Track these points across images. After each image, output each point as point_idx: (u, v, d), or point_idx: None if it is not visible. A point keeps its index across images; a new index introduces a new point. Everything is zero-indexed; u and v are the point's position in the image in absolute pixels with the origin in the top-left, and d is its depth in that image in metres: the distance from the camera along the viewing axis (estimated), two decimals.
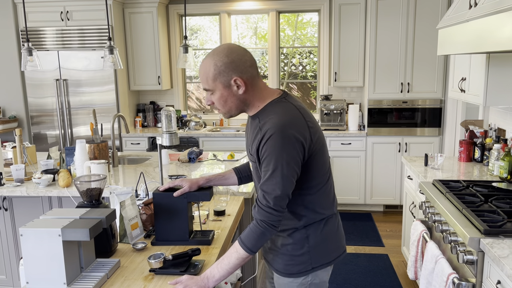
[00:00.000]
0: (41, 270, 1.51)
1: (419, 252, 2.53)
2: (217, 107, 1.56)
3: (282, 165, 1.43)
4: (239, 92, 1.50)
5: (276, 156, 1.43)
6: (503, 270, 1.65)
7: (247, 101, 1.54)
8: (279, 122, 1.44)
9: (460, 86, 3.14)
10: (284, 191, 1.46)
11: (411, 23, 4.55)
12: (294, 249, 1.61)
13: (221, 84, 1.48)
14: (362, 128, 5.00)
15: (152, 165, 3.46)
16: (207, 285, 1.52)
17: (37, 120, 5.14)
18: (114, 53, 3.18)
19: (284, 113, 1.48)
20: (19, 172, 2.95)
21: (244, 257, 1.50)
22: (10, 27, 5.07)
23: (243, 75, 1.48)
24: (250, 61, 1.50)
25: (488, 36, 2.14)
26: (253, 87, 1.52)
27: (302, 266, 1.61)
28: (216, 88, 1.50)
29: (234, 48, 1.49)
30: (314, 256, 1.61)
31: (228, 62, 1.46)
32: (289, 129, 1.44)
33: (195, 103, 5.91)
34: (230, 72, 1.46)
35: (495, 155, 2.84)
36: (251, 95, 1.53)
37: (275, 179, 1.45)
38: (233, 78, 1.47)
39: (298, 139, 1.45)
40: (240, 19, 5.62)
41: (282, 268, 1.64)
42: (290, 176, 1.46)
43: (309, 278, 1.62)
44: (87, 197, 1.83)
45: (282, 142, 1.43)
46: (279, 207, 1.46)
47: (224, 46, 1.49)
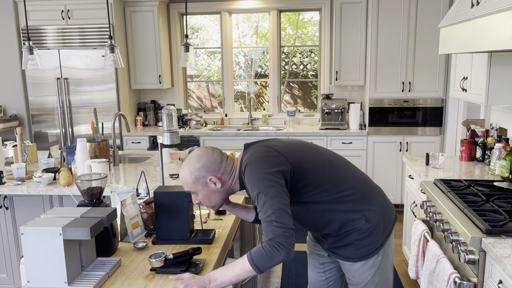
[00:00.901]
0: (42, 269, 1.51)
1: (420, 251, 2.53)
2: (204, 204, 1.72)
3: (262, 187, 1.51)
4: (217, 187, 1.66)
5: (254, 183, 1.54)
6: (505, 269, 1.64)
7: (228, 189, 1.69)
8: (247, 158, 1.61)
9: (462, 85, 3.14)
10: (276, 206, 1.48)
11: (413, 22, 4.54)
12: (359, 233, 1.69)
13: (200, 185, 1.65)
14: (363, 127, 5.00)
15: (153, 164, 3.46)
16: (208, 286, 1.52)
17: (38, 118, 5.14)
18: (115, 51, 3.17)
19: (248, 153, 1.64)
20: (20, 171, 2.95)
21: (248, 270, 1.50)
22: (11, 25, 5.06)
23: (216, 173, 1.64)
24: (219, 157, 1.67)
25: (490, 35, 2.14)
26: (228, 176, 1.67)
27: (371, 246, 1.71)
28: (197, 190, 1.66)
29: (202, 153, 1.66)
30: (379, 232, 1.71)
31: (200, 167, 1.63)
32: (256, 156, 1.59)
33: (196, 102, 5.91)
34: (204, 173, 1.63)
35: (497, 154, 2.84)
36: (228, 184, 1.68)
37: (264, 202, 1.50)
38: (208, 178, 1.64)
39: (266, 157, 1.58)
40: (241, 18, 5.61)
41: (352, 254, 1.74)
42: (276, 192, 1.51)
43: (380, 258, 1.75)
44: (88, 196, 1.83)
45: (253, 169, 1.56)
46: (281, 223, 1.47)
47: (194, 154, 1.67)
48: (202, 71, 5.83)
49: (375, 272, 1.76)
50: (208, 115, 5.70)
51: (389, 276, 1.82)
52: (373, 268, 1.75)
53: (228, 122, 5.58)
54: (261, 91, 5.78)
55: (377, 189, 1.80)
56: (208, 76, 5.85)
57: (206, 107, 5.90)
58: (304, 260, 3.72)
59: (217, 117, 5.64)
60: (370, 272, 1.76)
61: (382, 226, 1.73)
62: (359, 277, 1.78)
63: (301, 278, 3.44)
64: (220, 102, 5.83)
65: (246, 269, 1.50)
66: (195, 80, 5.85)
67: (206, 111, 5.82)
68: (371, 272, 1.76)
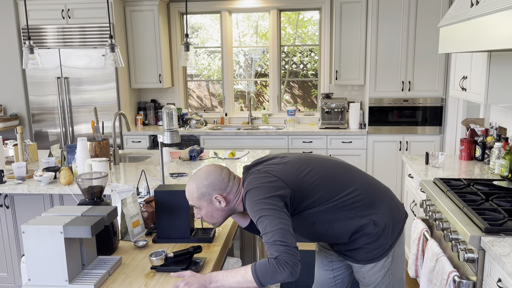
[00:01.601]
0: (42, 267, 1.52)
1: (420, 250, 2.53)
2: (206, 220, 1.73)
3: (263, 210, 1.53)
4: (221, 205, 1.68)
5: (255, 207, 1.55)
6: (504, 268, 1.65)
7: (231, 209, 1.72)
8: (246, 185, 1.64)
9: (461, 84, 3.14)
10: (278, 226, 1.49)
11: (412, 22, 4.55)
12: (368, 237, 1.71)
13: (205, 202, 1.67)
14: (363, 126, 5.00)
15: (153, 163, 3.47)
16: (209, 286, 1.52)
17: (39, 118, 5.15)
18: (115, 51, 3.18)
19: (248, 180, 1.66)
20: (21, 170, 2.95)
21: (249, 280, 1.49)
22: (11, 25, 5.07)
23: (223, 192, 1.67)
24: (227, 177, 1.69)
25: (489, 34, 2.14)
26: (234, 196, 1.70)
27: (380, 249, 1.73)
28: (201, 205, 1.68)
29: (211, 171, 1.68)
30: (388, 234, 1.73)
31: (207, 184, 1.66)
32: (255, 182, 1.61)
33: (196, 101, 5.92)
34: (211, 191, 1.66)
35: (496, 153, 2.84)
36: (233, 203, 1.70)
37: (266, 224, 1.51)
38: (214, 196, 1.66)
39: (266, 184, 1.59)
40: (241, 17, 5.61)
41: (362, 257, 1.76)
42: (276, 213, 1.52)
43: (389, 259, 1.76)
44: (88, 194, 1.83)
45: (252, 195, 1.58)
46: (284, 243, 1.47)
47: (203, 170, 1.70)
48: (202, 70, 5.84)
49: (385, 274, 1.78)
50: (208, 114, 5.71)
51: (400, 276, 1.84)
52: (383, 270, 1.77)
53: (228, 121, 5.59)
54: (261, 91, 5.79)
55: (385, 191, 1.81)
56: (208, 75, 5.86)
57: (206, 106, 5.91)
58: (304, 259, 3.73)
59: (217, 116, 5.65)
60: (380, 273, 1.77)
61: (390, 228, 1.74)
62: (369, 279, 1.80)
63: (301, 277, 3.44)
64: (220, 101, 5.83)
65: (248, 278, 1.50)
66: (195, 80, 5.85)
67: (206, 110, 5.83)
68: (381, 273, 1.77)
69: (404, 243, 1.85)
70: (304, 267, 3.62)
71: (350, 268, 1.98)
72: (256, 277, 1.48)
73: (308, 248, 3.96)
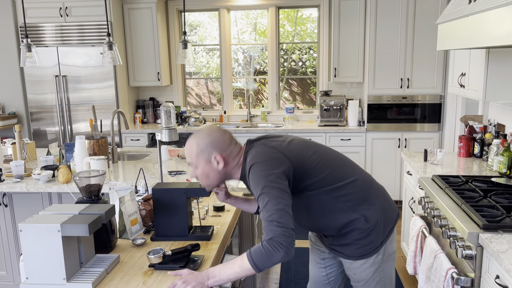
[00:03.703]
0: (40, 265, 1.52)
1: (418, 247, 2.53)
2: (200, 181, 1.72)
3: (266, 187, 1.52)
4: (219, 167, 1.65)
5: (258, 182, 1.55)
6: (502, 264, 1.65)
7: (227, 173, 1.70)
8: (252, 158, 1.61)
9: (460, 81, 3.14)
10: (278, 207, 1.49)
11: (411, 18, 4.54)
12: (359, 233, 1.71)
13: (203, 160, 1.65)
14: (361, 124, 5.00)
15: (151, 161, 3.46)
16: (207, 283, 1.52)
17: (37, 116, 5.14)
18: (113, 49, 3.17)
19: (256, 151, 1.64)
20: (19, 168, 2.95)
21: (247, 268, 1.50)
22: (9, 23, 5.05)
23: (223, 152, 1.65)
24: (229, 139, 1.68)
25: (487, 30, 2.14)
26: (232, 160, 1.68)
27: (371, 245, 1.73)
28: (199, 163, 1.66)
29: (214, 130, 1.67)
30: (379, 231, 1.73)
31: (208, 142, 1.64)
32: (261, 157, 1.59)
33: (194, 99, 5.91)
34: (211, 149, 1.64)
35: (495, 150, 2.84)
36: (230, 167, 1.68)
37: (266, 201, 1.51)
38: (213, 155, 1.64)
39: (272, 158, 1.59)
40: (239, 15, 5.60)
41: (352, 252, 1.76)
42: (278, 193, 1.52)
43: (380, 256, 1.76)
44: (86, 193, 1.83)
45: (258, 168, 1.57)
46: (281, 224, 1.47)
47: (206, 128, 1.68)
48: (201, 68, 5.83)
49: (375, 270, 1.78)
50: (207, 112, 5.70)
51: (391, 274, 1.84)
52: (374, 267, 1.77)
53: (227, 119, 5.59)
54: (260, 88, 5.78)
55: (379, 188, 1.81)
56: (207, 73, 5.85)
57: (205, 104, 5.90)
58: (303, 257, 3.74)
59: (216, 114, 5.64)
60: (371, 270, 1.77)
61: (382, 225, 1.74)
62: (359, 275, 1.80)
63: (300, 274, 3.45)
64: (219, 99, 5.83)
65: (245, 267, 1.49)
66: (194, 77, 5.84)
67: (205, 108, 5.82)
68: (371, 270, 1.77)
69: (395, 241, 1.84)
70: (303, 264, 3.62)
71: (342, 265, 1.98)
72: (253, 264, 1.48)
73: (307, 245, 3.96)
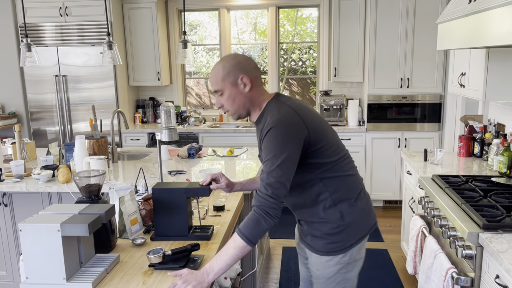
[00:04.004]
0: (40, 265, 1.52)
1: (418, 247, 2.54)
2: (226, 107, 1.70)
3: (278, 155, 1.54)
4: (245, 90, 1.65)
5: (272, 147, 1.55)
6: (502, 264, 1.65)
7: (253, 99, 1.69)
8: (275, 119, 1.58)
9: (460, 81, 3.14)
10: (280, 179, 1.53)
11: (411, 18, 4.54)
12: (331, 228, 1.72)
13: (229, 83, 1.64)
14: (361, 123, 5.00)
15: (151, 160, 3.46)
16: (207, 279, 1.52)
17: (37, 116, 5.14)
18: (113, 48, 3.17)
19: (279, 111, 1.62)
20: (19, 168, 2.95)
21: (241, 246, 1.52)
22: (9, 23, 5.05)
23: (249, 74, 1.65)
24: (254, 65, 1.69)
25: (487, 30, 2.14)
26: (257, 87, 1.69)
27: (340, 243, 1.73)
28: (225, 87, 1.65)
29: (240, 54, 1.69)
30: (351, 233, 1.73)
31: (235, 63, 1.64)
32: (283, 123, 1.57)
33: (194, 99, 5.91)
34: (237, 71, 1.64)
35: (495, 150, 2.84)
36: (255, 94, 1.68)
37: (272, 169, 1.53)
38: (240, 76, 1.64)
39: (292, 130, 1.57)
40: (239, 15, 5.60)
41: (321, 247, 1.75)
42: (287, 165, 1.54)
43: (346, 258, 1.75)
44: (86, 192, 1.83)
45: (276, 134, 1.55)
46: (275, 195, 1.53)
47: (231, 53, 1.71)
48: (201, 68, 5.83)
49: (338, 270, 1.77)
50: (207, 112, 5.70)
51: (353, 279, 1.81)
52: (338, 266, 1.76)
53: (227, 119, 5.58)
54: None
55: (365, 193, 1.83)
56: (207, 73, 5.85)
57: (205, 104, 5.90)
58: None
59: (215, 114, 5.64)
60: (334, 268, 1.77)
61: (356, 228, 1.74)
62: (322, 271, 1.79)
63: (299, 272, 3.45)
64: None
65: (239, 245, 1.52)
66: (194, 77, 5.84)
67: (205, 108, 5.82)
68: (335, 269, 1.77)
69: (365, 249, 1.83)
70: None
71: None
72: (244, 237, 1.52)
73: None
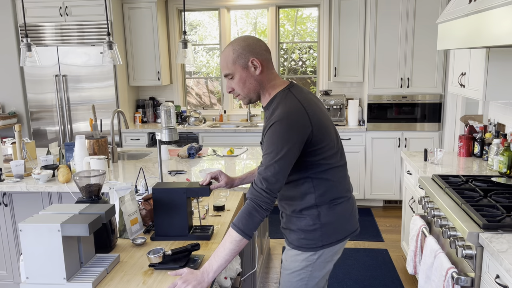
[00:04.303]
0: (40, 265, 1.52)
1: (418, 247, 2.54)
2: (237, 91, 1.69)
3: (278, 151, 1.55)
4: (256, 72, 1.64)
5: (274, 141, 1.56)
6: (502, 264, 1.65)
7: (263, 83, 1.68)
8: (281, 113, 1.57)
9: (460, 81, 3.14)
10: (277, 175, 1.55)
11: (411, 18, 4.54)
12: (306, 224, 1.72)
13: (240, 66, 1.63)
14: (361, 123, 5.00)
15: (151, 160, 3.46)
16: (207, 279, 1.53)
17: (37, 116, 5.14)
18: (113, 48, 3.17)
19: (287, 105, 1.60)
20: (19, 168, 2.95)
21: (237, 239, 1.54)
22: (9, 22, 5.05)
23: (259, 57, 1.64)
24: (265, 47, 1.67)
25: (488, 30, 2.14)
26: (268, 70, 1.67)
27: (313, 241, 1.73)
28: (236, 70, 1.64)
29: (250, 36, 1.68)
30: (325, 233, 1.72)
31: (245, 46, 1.63)
32: (288, 118, 1.56)
33: (194, 99, 5.91)
34: (247, 54, 1.62)
35: (495, 150, 2.84)
36: (266, 78, 1.67)
37: (271, 163, 1.55)
38: (250, 59, 1.63)
39: (297, 127, 1.57)
40: (239, 14, 5.60)
41: (293, 240, 1.77)
42: (285, 161, 1.56)
43: (316, 257, 1.75)
44: (86, 192, 1.83)
45: (280, 129, 1.55)
46: (270, 190, 1.55)
47: (241, 36, 1.69)
48: (201, 67, 5.83)
49: (304, 267, 1.77)
50: (207, 111, 5.70)
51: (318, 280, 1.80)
52: (304, 263, 1.76)
53: (227, 119, 5.58)
54: None
55: (352, 198, 1.83)
56: (207, 72, 5.85)
57: (205, 104, 5.90)
58: None
59: (216, 113, 5.64)
60: (301, 264, 1.77)
61: (331, 230, 1.73)
62: (290, 264, 1.80)
63: None
64: (219, 98, 5.83)
65: (236, 239, 1.54)
66: (194, 77, 5.84)
67: (205, 108, 5.82)
68: (301, 264, 1.77)
69: (338, 255, 1.82)
70: None
71: None
72: (240, 231, 1.54)
73: None
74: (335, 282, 3.32)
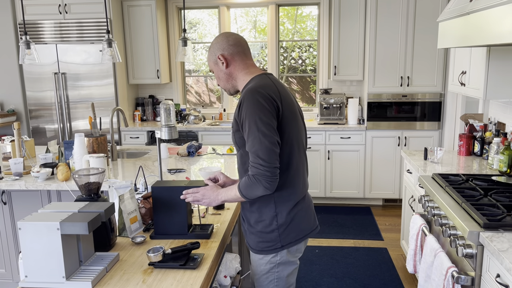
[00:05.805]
0: (39, 263, 1.51)
1: (418, 245, 2.53)
2: (219, 84, 1.85)
3: (257, 122, 1.60)
4: (223, 67, 1.78)
5: (251, 115, 1.61)
6: (503, 263, 1.65)
7: (233, 74, 1.80)
8: (251, 87, 1.67)
9: (460, 79, 3.13)
10: (266, 144, 1.59)
11: (411, 16, 4.53)
12: (264, 226, 1.76)
13: (212, 62, 1.81)
14: (361, 122, 4.99)
15: (151, 159, 3.46)
16: (216, 198, 1.76)
17: (36, 114, 5.13)
18: (112, 46, 3.16)
19: (257, 81, 1.71)
20: (18, 166, 2.94)
21: (238, 195, 1.71)
22: (8, 20, 5.03)
23: (225, 51, 1.76)
24: (234, 41, 1.77)
25: (488, 29, 2.13)
26: (235, 62, 1.78)
27: (271, 243, 1.77)
28: (212, 67, 1.83)
29: (222, 33, 1.81)
30: (283, 234, 1.76)
31: (214, 43, 1.79)
32: (260, 91, 1.64)
33: (194, 97, 5.90)
34: (215, 50, 1.78)
35: (495, 148, 2.84)
36: (234, 69, 1.79)
37: (255, 136, 1.60)
38: (217, 55, 1.78)
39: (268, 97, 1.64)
40: (239, 12, 5.59)
41: (254, 245, 1.81)
42: (269, 130, 1.60)
43: (278, 258, 1.78)
44: (86, 190, 1.82)
45: (253, 101, 1.62)
46: (266, 161, 1.60)
47: (220, 34, 1.82)
48: (201, 65, 5.82)
49: (270, 269, 1.80)
50: (207, 110, 5.69)
51: (287, 279, 1.83)
52: (269, 265, 1.79)
53: (227, 117, 5.58)
54: None
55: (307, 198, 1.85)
56: (206, 71, 5.84)
57: (204, 102, 5.89)
58: (303, 256, 3.73)
59: (215, 112, 5.64)
60: (266, 267, 1.80)
61: (289, 231, 1.76)
62: (256, 268, 1.84)
63: (299, 273, 3.45)
64: (218, 97, 5.82)
65: (237, 195, 1.71)
66: (193, 75, 5.83)
67: (205, 106, 5.81)
68: (266, 267, 1.80)
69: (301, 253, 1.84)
70: (303, 263, 3.62)
71: None
72: (240, 192, 1.69)
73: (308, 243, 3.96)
74: (335, 281, 3.32)
